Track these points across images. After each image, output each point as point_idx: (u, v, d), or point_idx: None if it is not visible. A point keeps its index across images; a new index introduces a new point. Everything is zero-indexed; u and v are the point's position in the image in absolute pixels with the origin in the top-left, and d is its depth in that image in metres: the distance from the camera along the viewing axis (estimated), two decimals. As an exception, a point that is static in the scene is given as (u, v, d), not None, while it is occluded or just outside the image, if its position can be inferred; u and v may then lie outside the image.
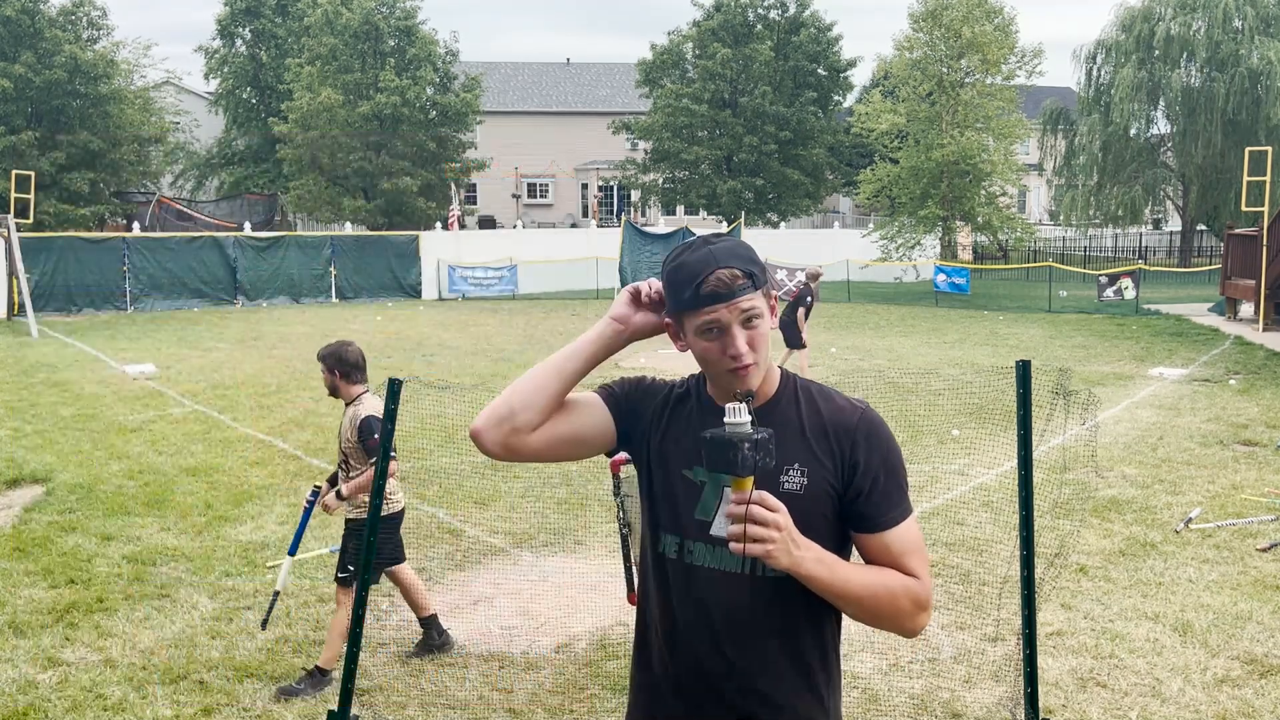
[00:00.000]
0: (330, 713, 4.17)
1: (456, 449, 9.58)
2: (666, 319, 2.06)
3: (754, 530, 1.80)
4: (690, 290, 1.95)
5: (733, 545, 1.82)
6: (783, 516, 1.82)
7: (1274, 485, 8.65)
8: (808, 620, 2.03)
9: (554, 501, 8.26)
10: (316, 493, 5.30)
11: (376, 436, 4.80)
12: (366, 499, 5.04)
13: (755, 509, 1.80)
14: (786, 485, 1.98)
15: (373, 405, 5.08)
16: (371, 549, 4.09)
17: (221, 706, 4.86)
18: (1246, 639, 5.58)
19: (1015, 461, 4.08)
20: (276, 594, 5.36)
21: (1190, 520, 7.61)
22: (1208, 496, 8.34)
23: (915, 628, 2.01)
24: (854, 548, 2.07)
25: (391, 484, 5.16)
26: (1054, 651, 5.44)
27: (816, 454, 2.00)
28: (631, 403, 2.15)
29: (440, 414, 9.86)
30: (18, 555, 6.95)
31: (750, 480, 1.80)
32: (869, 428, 2.03)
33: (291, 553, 5.36)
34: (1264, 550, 6.97)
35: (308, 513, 5.32)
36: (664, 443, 2.10)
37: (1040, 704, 4.14)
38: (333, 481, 5.33)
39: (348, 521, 5.23)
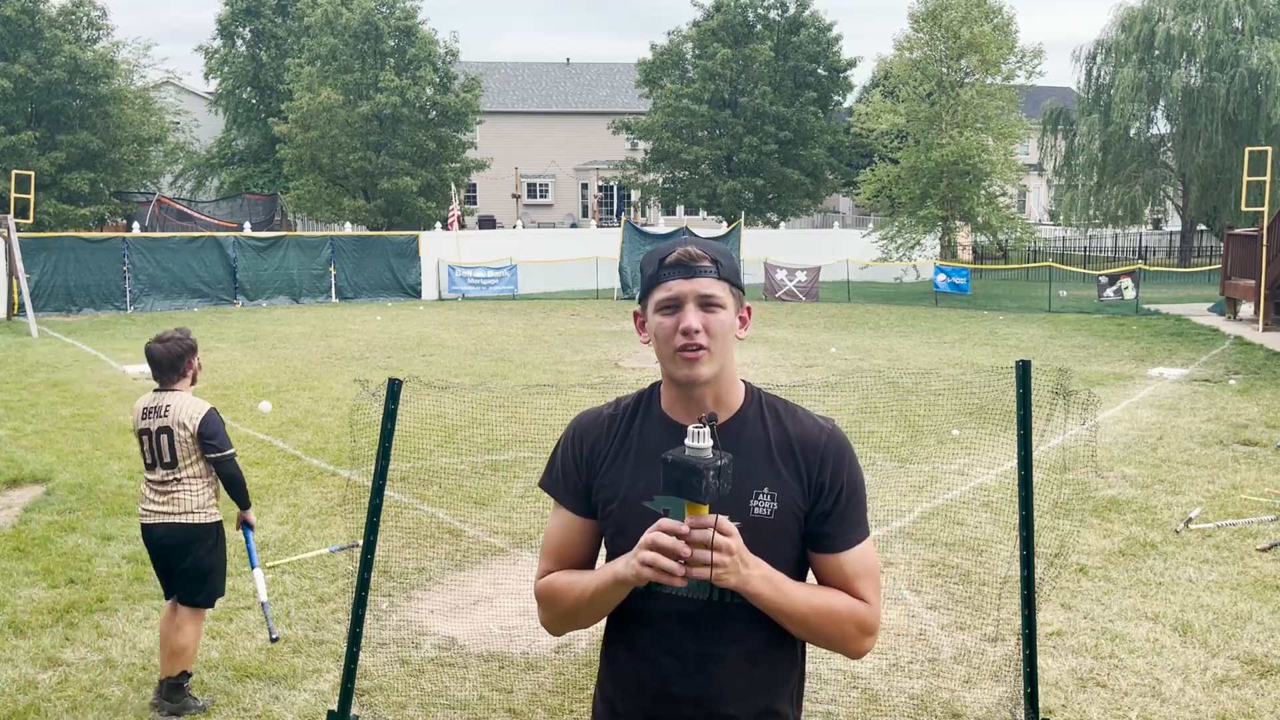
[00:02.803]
0: (330, 713, 4.18)
1: (456, 449, 9.59)
2: (635, 309, 2.08)
3: (704, 555, 1.77)
4: (654, 266, 1.98)
5: (675, 570, 1.79)
6: (735, 540, 1.81)
7: (1274, 485, 8.65)
8: (777, 641, 2.01)
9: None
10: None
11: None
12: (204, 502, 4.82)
13: (704, 534, 1.77)
14: (757, 510, 1.95)
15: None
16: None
17: (221, 707, 4.85)
18: (1246, 639, 5.58)
19: (1015, 461, 4.09)
20: (264, 604, 5.21)
21: (1190, 520, 7.61)
22: (1208, 496, 8.33)
23: (859, 650, 2.00)
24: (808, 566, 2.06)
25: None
26: (1054, 651, 5.43)
27: (784, 475, 1.98)
28: (580, 469, 2.09)
29: (440, 414, 9.86)
30: (18, 555, 6.94)
31: (707, 506, 1.76)
32: (837, 448, 2.01)
33: (255, 565, 5.20)
34: (1264, 550, 6.97)
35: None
36: (616, 469, 2.04)
37: (1040, 704, 4.15)
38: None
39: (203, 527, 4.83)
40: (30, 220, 23.77)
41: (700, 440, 1.74)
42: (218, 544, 4.84)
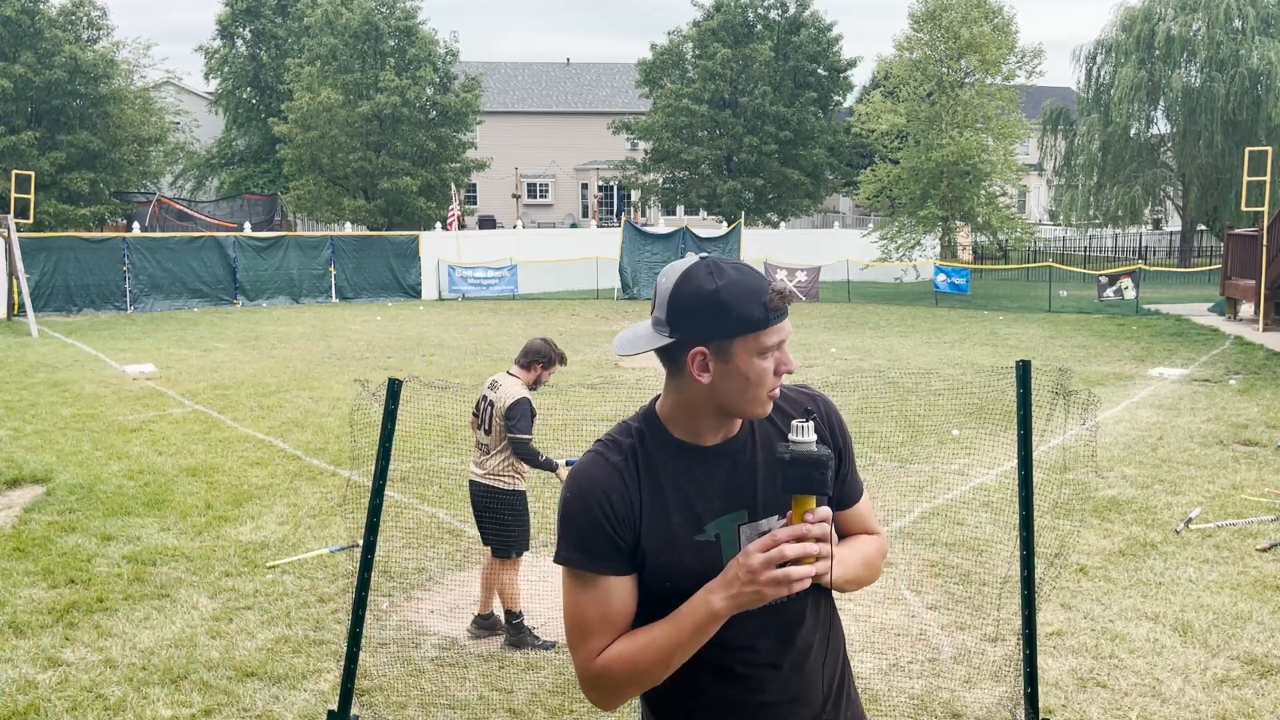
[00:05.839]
0: (330, 713, 4.18)
1: (456, 449, 9.57)
2: (700, 349, 1.84)
3: (825, 548, 1.77)
4: (759, 309, 1.82)
5: (819, 570, 1.76)
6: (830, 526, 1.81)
7: (1274, 485, 8.65)
8: (826, 607, 2.02)
9: (554, 502, 8.26)
10: None
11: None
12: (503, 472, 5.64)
13: (824, 528, 1.76)
14: None
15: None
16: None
17: (221, 706, 4.86)
18: (1246, 639, 5.58)
19: (1015, 461, 4.09)
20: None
21: (1190, 520, 7.61)
22: (1208, 496, 8.33)
23: (878, 577, 2.08)
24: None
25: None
26: (1054, 651, 5.44)
27: None
28: (619, 529, 1.87)
29: (440, 414, 9.84)
30: (18, 555, 6.95)
31: (814, 499, 1.77)
32: (828, 409, 2.04)
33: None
34: (1264, 550, 6.97)
35: None
36: (658, 513, 1.89)
37: (1040, 704, 4.15)
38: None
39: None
40: (30, 220, 23.77)
41: (806, 434, 1.76)
42: (516, 509, 5.59)
